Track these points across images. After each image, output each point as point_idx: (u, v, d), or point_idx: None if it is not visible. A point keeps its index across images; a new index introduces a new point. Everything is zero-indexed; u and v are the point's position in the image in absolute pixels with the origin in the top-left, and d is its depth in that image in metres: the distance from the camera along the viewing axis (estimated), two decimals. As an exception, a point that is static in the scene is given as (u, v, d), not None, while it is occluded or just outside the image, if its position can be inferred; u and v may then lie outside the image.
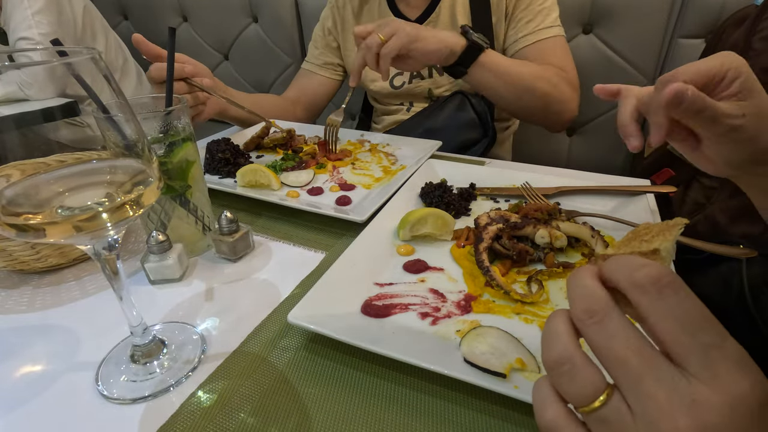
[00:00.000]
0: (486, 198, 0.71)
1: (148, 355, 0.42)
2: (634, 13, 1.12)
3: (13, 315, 0.49)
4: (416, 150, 0.87)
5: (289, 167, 0.81)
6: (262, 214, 0.69)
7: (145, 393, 0.39)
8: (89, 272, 0.56)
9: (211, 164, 0.79)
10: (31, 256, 0.51)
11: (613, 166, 1.29)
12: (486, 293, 0.49)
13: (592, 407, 0.22)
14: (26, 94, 1.14)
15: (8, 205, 0.30)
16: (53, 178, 0.33)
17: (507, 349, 0.40)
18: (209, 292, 0.52)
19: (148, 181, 0.34)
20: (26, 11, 1.28)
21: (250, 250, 0.59)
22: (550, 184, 0.71)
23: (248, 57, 1.68)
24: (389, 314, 0.46)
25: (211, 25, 1.68)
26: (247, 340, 0.45)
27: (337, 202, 0.70)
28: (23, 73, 1.14)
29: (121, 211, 0.32)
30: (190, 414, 0.37)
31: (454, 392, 0.39)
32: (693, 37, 1.09)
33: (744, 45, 0.83)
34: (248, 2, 1.57)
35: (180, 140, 0.51)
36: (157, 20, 1.78)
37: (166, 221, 0.54)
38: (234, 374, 0.41)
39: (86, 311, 0.50)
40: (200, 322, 0.47)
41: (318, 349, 0.44)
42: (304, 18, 1.51)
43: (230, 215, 0.55)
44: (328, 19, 1.14)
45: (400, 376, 0.40)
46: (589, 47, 1.19)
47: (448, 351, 0.41)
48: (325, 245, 0.61)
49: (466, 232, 0.59)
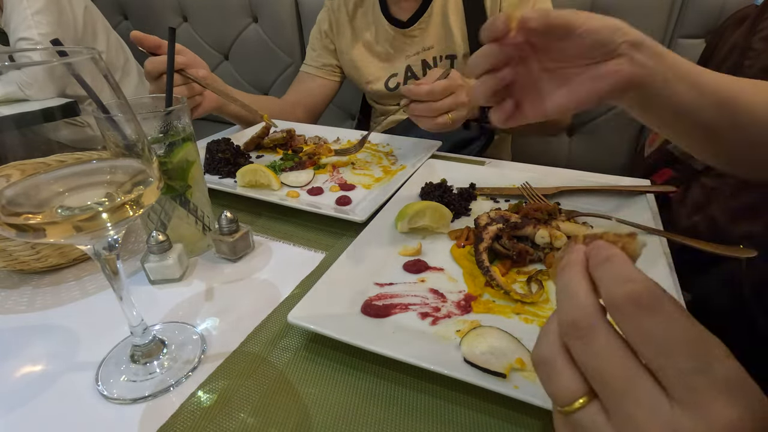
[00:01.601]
0: (486, 198, 0.71)
1: (148, 355, 0.42)
2: (634, 13, 1.12)
3: (13, 315, 0.49)
4: (416, 150, 0.87)
5: (288, 167, 0.81)
6: (262, 214, 0.69)
7: (145, 393, 0.39)
8: (89, 272, 0.56)
9: (211, 164, 0.79)
10: (31, 256, 0.51)
11: (613, 166, 1.29)
12: (486, 293, 0.49)
13: (567, 409, 0.22)
14: (26, 94, 1.14)
15: (8, 205, 0.30)
16: (53, 178, 0.33)
17: (507, 349, 0.40)
18: (209, 292, 0.52)
19: (148, 181, 0.34)
20: (26, 11, 1.28)
21: (250, 250, 0.59)
22: (550, 184, 0.71)
23: (248, 57, 1.68)
24: (389, 314, 0.46)
25: (211, 25, 1.68)
26: (247, 340, 0.45)
27: (337, 202, 0.70)
28: (23, 73, 1.13)
29: (121, 211, 0.32)
30: (190, 414, 0.37)
31: (454, 392, 0.39)
32: (693, 37, 1.09)
33: (744, 45, 0.83)
34: (248, 2, 1.57)
35: (180, 140, 0.51)
36: (157, 20, 1.78)
37: (166, 221, 0.54)
38: (234, 374, 0.41)
39: (86, 311, 0.50)
40: (200, 322, 0.47)
41: (318, 349, 0.44)
42: (304, 18, 1.51)
43: (230, 215, 0.55)
44: (324, 22, 1.15)
45: (400, 376, 0.40)
46: (589, 47, 1.19)
47: (448, 351, 0.41)
48: (325, 245, 0.61)
49: (466, 232, 0.59)
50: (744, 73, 0.81)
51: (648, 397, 0.20)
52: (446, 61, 1.03)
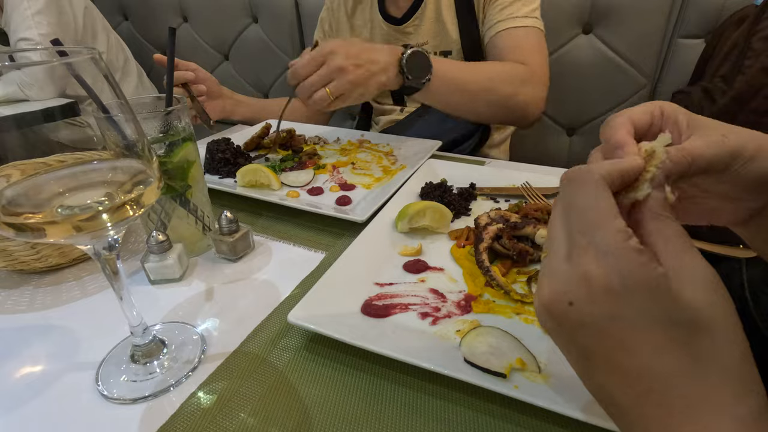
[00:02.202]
0: (486, 198, 0.71)
1: (148, 355, 0.42)
2: (634, 13, 1.12)
3: (13, 315, 0.49)
4: (416, 150, 0.87)
5: (289, 167, 0.81)
6: (262, 214, 0.69)
7: (145, 393, 0.39)
8: (89, 272, 0.56)
9: (211, 164, 0.79)
10: (31, 256, 0.51)
11: (613, 166, 1.29)
12: (486, 293, 0.49)
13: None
14: (26, 94, 1.14)
15: (8, 205, 0.30)
16: (53, 178, 0.33)
17: (507, 349, 0.40)
18: (209, 292, 0.52)
19: (148, 181, 0.34)
20: (26, 12, 1.28)
21: (250, 250, 0.59)
22: (550, 184, 0.71)
23: (248, 57, 1.68)
24: (389, 314, 0.46)
25: (211, 25, 1.68)
26: (247, 340, 0.45)
27: (337, 202, 0.70)
28: (23, 73, 1.14)
29: (121, 211, 0.32)
30: (190, 414, 0.37)
31: (454, 392, 0.39)
32: (693, 37, 1.09)
33: (744, 45, 0.83)
34: (248, 2, 1.57)
35: (180, 140, 0.51)
36: (157, 20, 1.78)
37: (166, 221, 0.54)
38: (234, 374, 0.41)
39: (86, 311, 0.50)
40: (200, 322, 0.47)
41: (318, 349, 0.44)
42: (304, 18, 1.51)
43: (230, 215, 0.55)
44: (325, 22, 1.15)
45: (400, 376, 0.40)
46: (589, 47, 1.19)
47: (448, 351, 0.41)
48: (325, 245, 0.61)
49: (466, 232, 0.59)
50: (744, 73, 0.81)
51: (556, 247, 0.25)
52: (440, 57, 1.03)
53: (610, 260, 0.22)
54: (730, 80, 0.83)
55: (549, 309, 0.24)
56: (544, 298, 0.25)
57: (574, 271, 0.23)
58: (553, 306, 0.24)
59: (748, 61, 0.81)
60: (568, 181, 0.26)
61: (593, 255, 0.23)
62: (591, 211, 0.24)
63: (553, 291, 0.24)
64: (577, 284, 0.23)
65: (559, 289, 0.24)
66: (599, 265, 0.23)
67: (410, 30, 1.03)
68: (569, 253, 0.24)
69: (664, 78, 1.17)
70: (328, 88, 0.71)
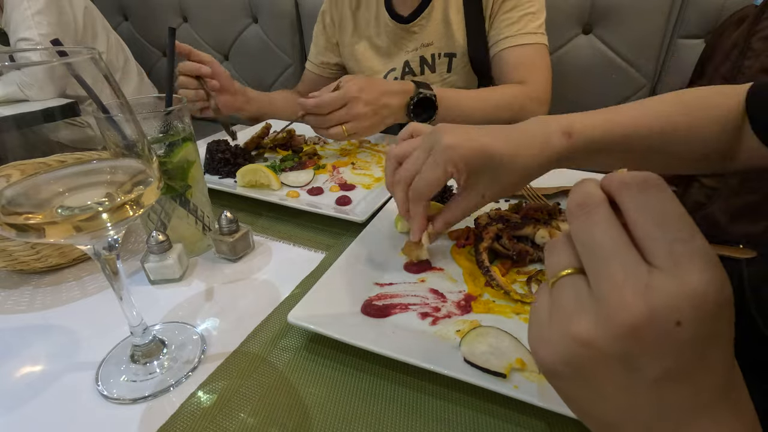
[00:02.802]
0: (486, 198, 0.70)
1: (148, 355, 0.42)
2: (634, 13, 1.12)
3: (13, 315, 0.49)
4: (416, 150, 0.87)
5: (289, 167, 0.81)
6: (262, 214, 0.69)
7: (145, 393, 0.39)
8: (89, 272, 0.56)
9: (211, 164, 0.79)
10: (31, 256, 0.51)
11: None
12: (486, 293, 0.49)
13: (553, 279, 0.24)
14: (26, 94, 1.14)
15: (8, 205, 0.30)
16: (53, 178, 0.33)
17: (507, 349, 0.40)
18: (209, 292, 0.52)
19: (148, 181, 0.34)
20: (26, 12, 1.28)
21: (250, 250, 0.59)
22: (550, 184, 0.70)
23: (248, 57, 1.68)
24: (389, 314, 0.46)
25: (211, 25, 1.68)
26: (247, 340, 0.45)
27: (337, 202, 0.70)
28: (23, 73, 1.14)
29: (121, 211, 0.32)
30: (190, 414, 0.37)
31: (454, 392, 0.39)
32: (693, 37, 1.09)
33: (744, 45, 0.83)
34: (248, 2, 1.57)
35: (180, 140, 0.51)
36: (157, 20, 1.78)
37: (166, 221, 0.54)
38: (234, 374, 0.41)
39: (86, 311, 0.50)
40: (200, 322, 0.47)
41: (318, 349, 0.44)
42: (304, 18, 1.51)
43: (230, 215, 0.55)
44: (326, 15, 1.15)
45: (400, 376, 0.40)
46: (589, 47, 1.19)
47: (448, 351, 0.41)
48: (325, 245, 0.61)
49: (466, 232, 0.59)
50: (744, 73, 0.81)
51: (632, 262, 0.21)
52: (445, 59, 1.02)
53: (712, 273, 0.20)
54: (730, 80, 0.83)
55: (638, 331, 0.20)
56: (636, 319, 0.20)
57: (683, 288, 0.20)
58: (652, 325, 0.20)
59: (748, 61, 0.81)
60: None
61: (699, 265, 0.20)
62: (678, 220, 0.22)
63: (652, 308, 0.20)
64: (689, 303, 0.20)
65: (668, 304, 0.20)
66: (702, 277, 0.19)
67: (416, 29, 1.03)
68: (666, 268, 0.21)
69: (663, 78, 1.17)
70: (344, 127, 0.79)
